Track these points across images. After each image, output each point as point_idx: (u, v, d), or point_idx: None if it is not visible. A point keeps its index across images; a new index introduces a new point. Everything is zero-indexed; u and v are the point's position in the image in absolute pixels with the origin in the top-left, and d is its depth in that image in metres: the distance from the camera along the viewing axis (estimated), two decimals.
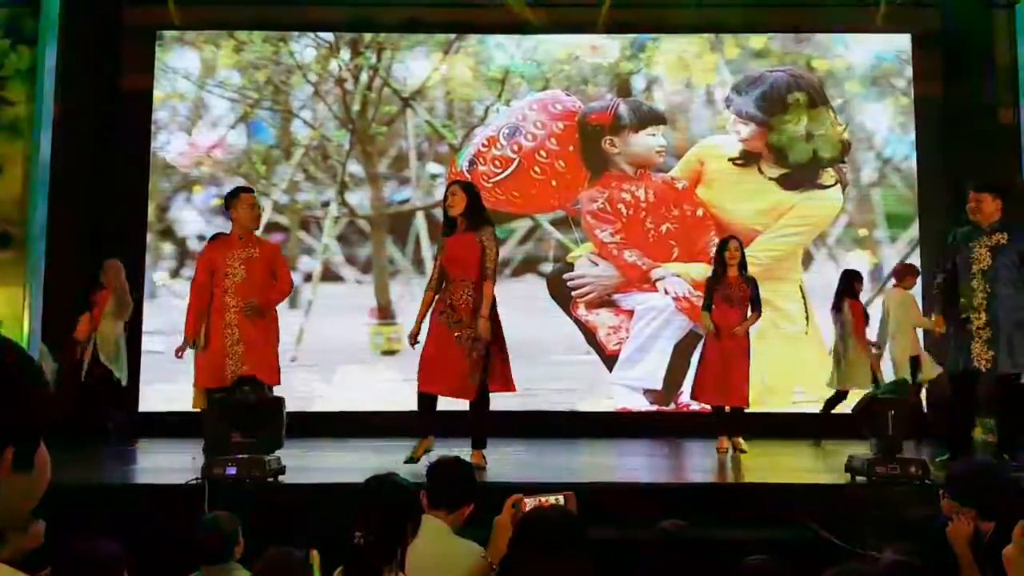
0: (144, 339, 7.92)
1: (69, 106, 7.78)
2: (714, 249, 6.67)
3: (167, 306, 8.01)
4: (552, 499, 2.45)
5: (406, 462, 4.97)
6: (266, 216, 7.50)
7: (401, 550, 2.22)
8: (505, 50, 8.48)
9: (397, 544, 2.21)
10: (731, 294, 6.24)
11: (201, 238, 7.71)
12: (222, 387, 5.16)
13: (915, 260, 8.05)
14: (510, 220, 8.25)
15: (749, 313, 6.22)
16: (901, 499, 4.40)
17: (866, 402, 5.03)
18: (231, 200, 5.48)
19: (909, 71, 8.38)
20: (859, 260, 8.13)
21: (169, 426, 7.02)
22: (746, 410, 6.24)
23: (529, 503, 2.46)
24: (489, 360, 5.12)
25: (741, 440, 6.09)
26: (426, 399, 5.20)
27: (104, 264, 7.19)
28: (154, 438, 7.03)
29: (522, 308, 8.13)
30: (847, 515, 4.29)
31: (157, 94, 8.32)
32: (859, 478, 4.65)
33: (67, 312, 7.18)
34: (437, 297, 5.26)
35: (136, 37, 8.38)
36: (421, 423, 5.21)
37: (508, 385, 5.23)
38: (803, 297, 8.07)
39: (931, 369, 6.73)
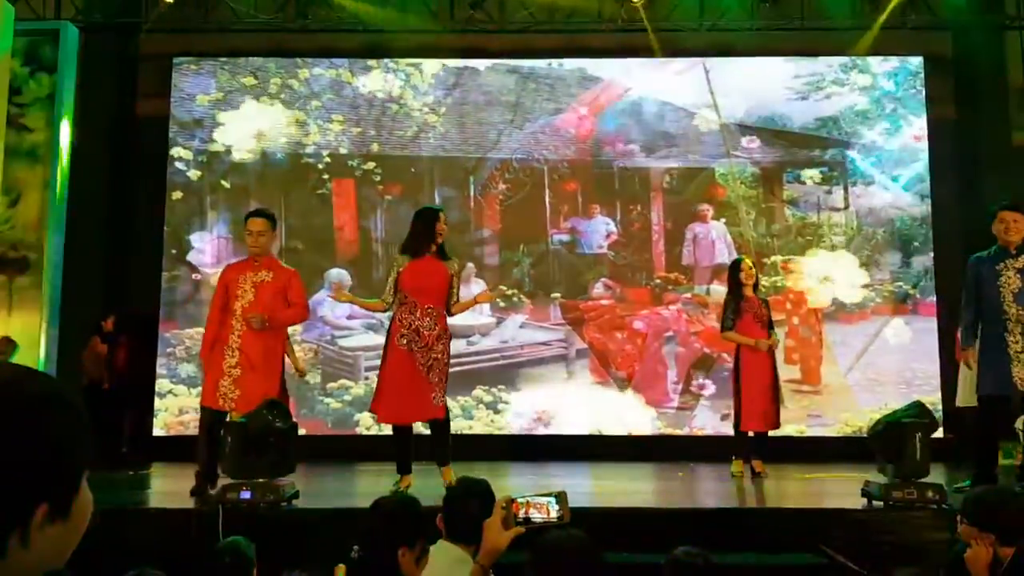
0: (159, 360, 7.95)
1: (86, 132, 7.89)
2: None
3: (181, 328, 8.04)
4: (544, 500, 2.37)
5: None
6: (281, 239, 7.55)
7: (397, 569, 2.18)
8: (518, 73, 8.54)
9: (393, 562, 2.17)
10: (759, 313, 6.16)
11: (217, 261, 7.76)
12: (217, 409, 5.11)
13: (930, 284, 8.04)
14: (524, 243, 8.27)
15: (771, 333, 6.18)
16: (918, 524, 4.36)
17: (883, 425, 4.94)
18: (246, 223, 5.48)
19: (922, 94, 8.37)
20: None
21: (183, 450, 7.03)
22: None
23: (520, 504, 2.36)
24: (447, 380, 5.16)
25: (761, 463, 6.03)
26: (401, 432, 5.19)
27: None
28: (169, 462, 7.03)
29: (533, 329, 8.15)
30: (863, 540, 4.25)
31: (173, 119, 8.39)
32: (875, 503, 4.60)
33: (82, 336, 7.23)
34: (394, 319, 5.23)
35: (152, 64, 8.49)
36: (402, 459, 5.17)
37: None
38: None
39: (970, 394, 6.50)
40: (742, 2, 8.16)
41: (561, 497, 2.35)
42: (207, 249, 8.31)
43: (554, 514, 2.33)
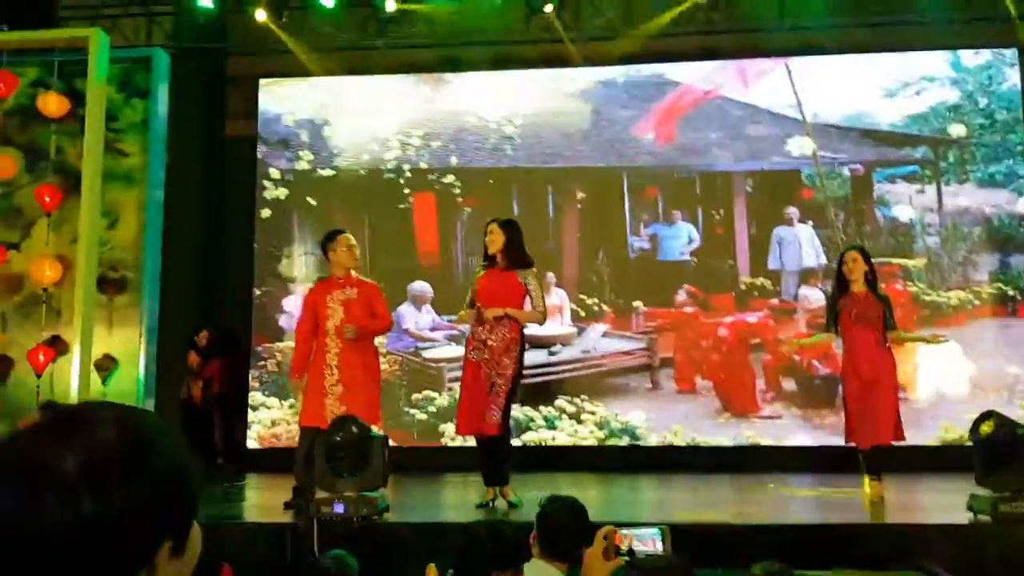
0: (251, 373, 8.17)
1: (179, 155, 8.15)
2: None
3: (272, 343, 8.25)
4: (648, 533, 2.34)
5: (478, 508, 5.00)
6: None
7: None
8: (595, 80, 8.52)
9: None
10: (866, 312, 5.44)
11: (305, 277, 7.94)
12: (320, 427, 5.22)
13: None
14: (604, 251, 8.24)
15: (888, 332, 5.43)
16: None
17: (987, 435, 4.69)
18: (328, 243, 5.58)
19: (1017, 87, 8.04)
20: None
21: (275, 461, 7.19)
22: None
23: (623, 537, 2.34)
24: (511, 397, 5.12)
25: (874, 481, 5.33)
26: (481, 444, 5.21)
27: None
28: (262, 473, 7.21)
29: (616, 338, 8.10)
30: (968, 556, 4.09)
31: (260, 139, 8.62)
32: (982, 517, 4.42)
33: (179, 353, 7.46)
34: (470, 332, 5.26)
35: (239, 86, 8.74)
36: (486, 471, 5.20)
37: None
38: None
39: None
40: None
41: (665, 532, 2.33)
42: (295, 265, 8.52)
43: (658, 548, 2.31)
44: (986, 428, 4.71)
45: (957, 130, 8.08)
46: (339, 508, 4.42)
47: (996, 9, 7.71)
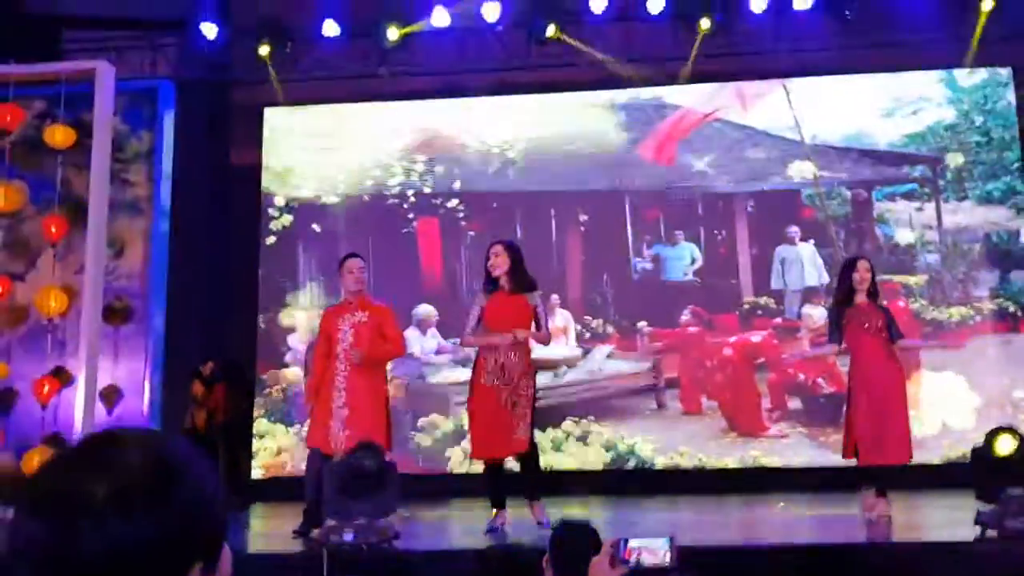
0: (256, 400, 8.19)
1: (184, 184, 8.23)
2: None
3: (278, 369, 8.28)
4: (654, 543, 2.37)
5: (486, 533, 5.01)
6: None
7: None
8: (596, 104, 8.60)
9: None
10: (870, 322, 5.34)
11: (310, 303, 7.97)
12: (325, 451, 5.25)
13: None
14: (608, 273, 8.29)
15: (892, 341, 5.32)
16: None
17: (992, 449, 4.72)
18: (339, 267, 5.66)
19: (1013, 105, 8.11)
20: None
21: (281, 490, 7.19)
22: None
23: (631, 551, 2.36)
24: (534, 414, 5.19)
25: (878, 500, 5.21)
26: (491, 467, 5.24)
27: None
28: (267, 502, 7.20)
29: (621, 360, 8.13)
30: (977, 573, 4.10)
31: (265, 168, 8.69)
32: (989, 532, 4.43)
33: (184, 382, 7.49)
34: (479, 355, 5.30)
35: (244, 115, 8.82)
36: (494, 494, 5.25)
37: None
38: None
39: None
40: (820, 20, 8.04)
41: (672, 541, 2.35)
42: (300, 292, 8.56)
43: (664, 558, 2.33)
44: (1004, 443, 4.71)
45: (955, 159, 8.13)
46: (348, 536, 4.43)
47: (991, 29, 7.79)
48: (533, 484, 5.24)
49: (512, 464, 5.42)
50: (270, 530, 6.21)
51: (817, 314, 7.94)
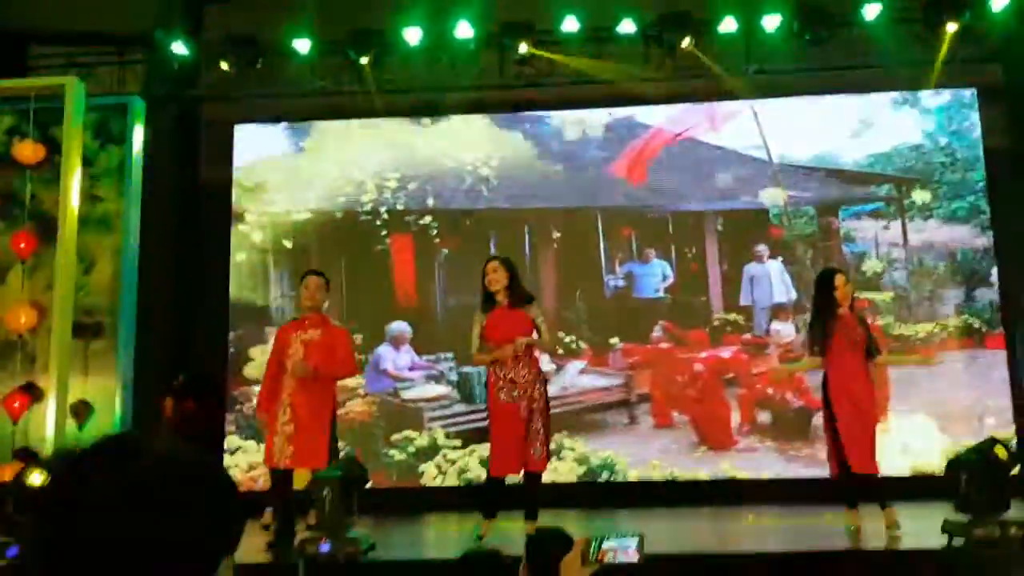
0: (228, 416, 8.12)
1: (154, 200, 8.17)
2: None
3: (249, 385, 8.22)
4: (622, 542, 2.41)
5: (476, 540, 5.02)
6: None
7: None
8: (568, 123, 8.68)
9: None
10: (853, 336, 5.39)
11: (281, 319, 7.92)
12: (269, 464, 5.30)
13: (996, 316, 7.91)
14: (581, 290, 8.34)
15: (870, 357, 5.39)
16: (1001, 563, 4.26)
17: (961, 461, 4.79)
18: (301, 282, 5.69)
19: (977, 126, 8.31)
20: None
21: (253, 505, 7.12)
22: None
23: (599, 544, 2.41)
24: (549, 424, 5.23)
25: (856, 512, 5.35)
26: (496, 481, 5.25)
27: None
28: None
29: (593, 375, 8.17)
30: None
31: (236, 183, 8.67)
32: (956, 540, 4.51)
33: (155, 398, 7.41)
34: (490, 372, 5.36)
35: (215, 131, 8.79)
36: (489, 505, 5.27)
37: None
38: None
39: None
40: (788, 43, 8.19)
41: (641, 539, 2.40)
42: (271, 308, 8.52)
43: (633, 556, 2.38)
44: (958, 455, 4.81)
45: (922, 196, 8.28)
46: (324, 548, 4.42)
47: (955, 51, 7.98)
48: (534, 503, 5.26)
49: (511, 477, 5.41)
50: (243, 542, 6.13)
51: (785, 330, 8.06)
